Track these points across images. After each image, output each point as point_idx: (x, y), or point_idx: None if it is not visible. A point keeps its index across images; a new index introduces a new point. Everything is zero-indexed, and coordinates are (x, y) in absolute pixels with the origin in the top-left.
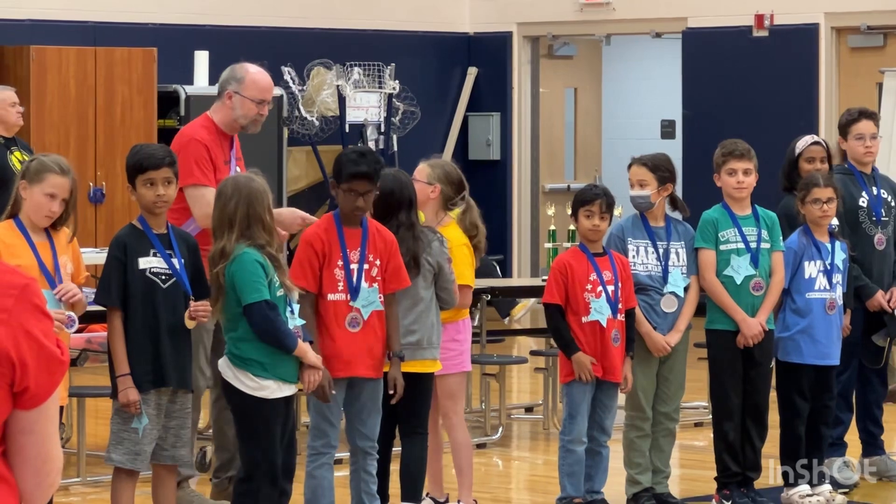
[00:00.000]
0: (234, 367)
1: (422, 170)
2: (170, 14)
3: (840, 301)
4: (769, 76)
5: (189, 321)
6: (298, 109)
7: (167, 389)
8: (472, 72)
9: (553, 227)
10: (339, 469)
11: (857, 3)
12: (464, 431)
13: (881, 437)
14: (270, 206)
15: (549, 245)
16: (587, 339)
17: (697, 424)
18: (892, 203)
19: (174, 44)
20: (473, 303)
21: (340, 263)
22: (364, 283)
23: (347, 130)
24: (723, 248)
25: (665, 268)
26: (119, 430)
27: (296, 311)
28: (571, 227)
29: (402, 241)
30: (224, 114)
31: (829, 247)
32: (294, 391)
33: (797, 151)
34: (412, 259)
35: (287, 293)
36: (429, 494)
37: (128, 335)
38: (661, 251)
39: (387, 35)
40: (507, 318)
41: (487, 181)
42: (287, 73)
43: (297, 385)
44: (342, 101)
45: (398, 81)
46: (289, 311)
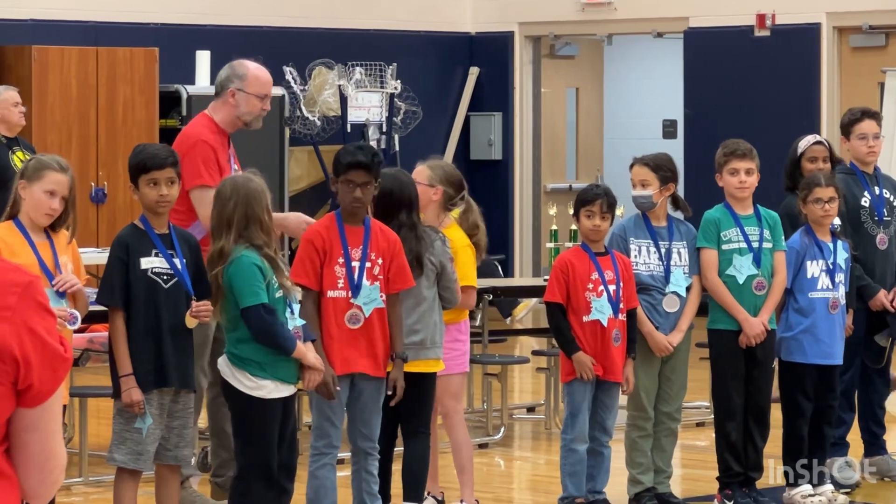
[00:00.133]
0: (233, 367)
1: (421, 172)
2: (171, 14)
3: (843, 300)
4: (771, 76)
5: (191, 320)
6: (300, 109)
7: (169, 389)
8: (474, 72)
9: (555, 227)
10: (341, 469)
11: (859, 3)
12: (464, 430)
13: (883, 437)
14: (269, 206)
15: (551, 245)
16: (588, 339)
17: (699, 424)
18: (895, 203)
19: (176, 44)
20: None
21: (341, 261)
22: (365, 281)
23: (349, 130)
24: (725, 248)
25: (667, 267)
26: (121, 430)
27: (296, 312)
28: (573, 227)
29: (405, 241)
30: (226, 112)
31: (832, 246)
32: (293, 392)
33: (799, 151)
34: (415, 259)
35: (286, 294)
36: (430, 493)
37: (130, 335)
38: (664, 251)
39: (388, 35)
40: (509, 318)
41: (489, 181)
42: (289, 73)
43: (298, 385)
44: (344, 101)
45: (400, 81)
46: (288, 312)
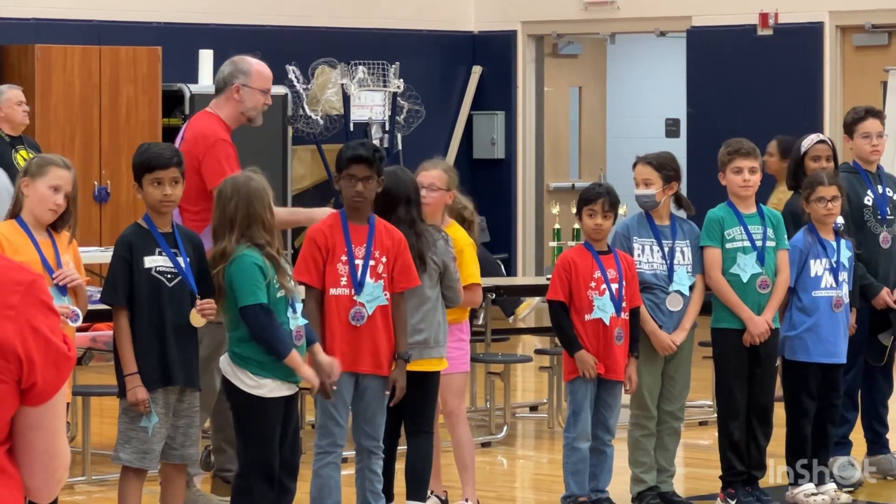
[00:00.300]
0: (234, 365)
1: (440, 177)
2: (174, 13)
3: (846, 299)
4: (773, 75)
5: (197, 318)
6: (303, 108)
7: (175, 388)
8: (477, 70)
9: (557, 226)
10: (345, 468)
11: (862, 2)
12: (467, 429)
13: (886, 436)
14: (271, 205)
15: (554, 244)
16: (590, 337)
17: (702, 423)
18: None
19: (179, 42)
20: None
21: (344, 259)
22: (369, 279)
23: (352, 129)
24: (729, 247)
25: (670, 266)
26: (127, 430)
27: (298, 311)
28: (576, 226)
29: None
30: (231, 108)
31: (835, 245)
32: (295, 391)
33: (803, 150)
34: (417, 256)
35: (288, 294)
36: (433, 493)
37: (134, 334)
38: (667, 250)
39: (391, 34)
40: (512, 317)
41: (492, 180)
42: (291, 72)
43: (301, 384)
44: (347, 100)
45: (403, 80)
46: (290, 311)
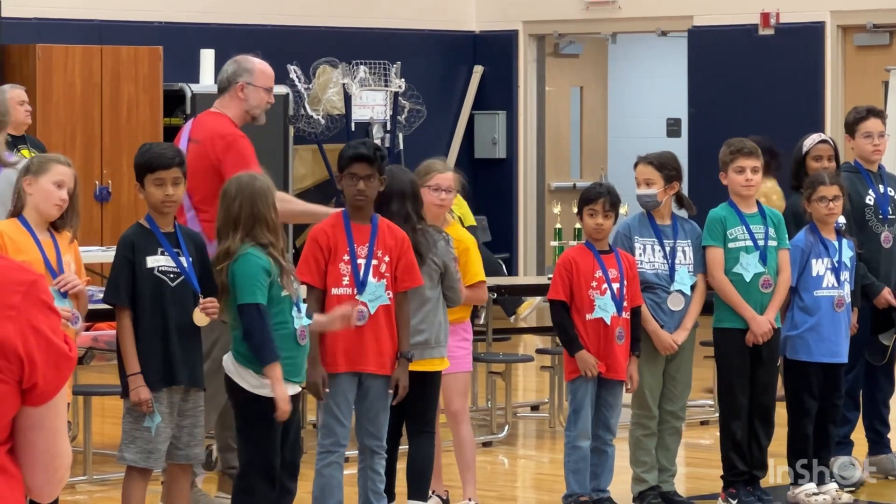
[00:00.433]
0: (237, 364)
1: (456, 178)
2: (176, 12)
3: (848, 298)
4: (775, 74)
5: (200, 317)
6: (304, 108)
7: (179, 388)
8: (478, 70)
9: (559, 226)
10: (347, 467)
11: (863, 2)
12: (469, 429)
13: (888, 436)
14: (275, 204)
15: (555, 243)
16: (591, 337)
17: (703, 423)
18: None
19: (180, 42)
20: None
21: (346, 258)
22: (371, 278)
23: (353, 129)
24: (731, 246)
25: (672, 266)
26: (131, 429)
27: (303, 311)
28: (577, 226)
29: None
30: (236, 106)
31: (837, 244)
32: (297, 390)
33: (804, 150)
34: (415, 252)
35: (291, 294)
36: (434, 492)
37: (137, 334)
38: (668, 249)
39: (393, 33)
40: (513, 317)
41: (493, 179)
42: (293, 72)
43: (302, 384)
44: (348, 100)
45: (404, 80)
46: (295, 311)
